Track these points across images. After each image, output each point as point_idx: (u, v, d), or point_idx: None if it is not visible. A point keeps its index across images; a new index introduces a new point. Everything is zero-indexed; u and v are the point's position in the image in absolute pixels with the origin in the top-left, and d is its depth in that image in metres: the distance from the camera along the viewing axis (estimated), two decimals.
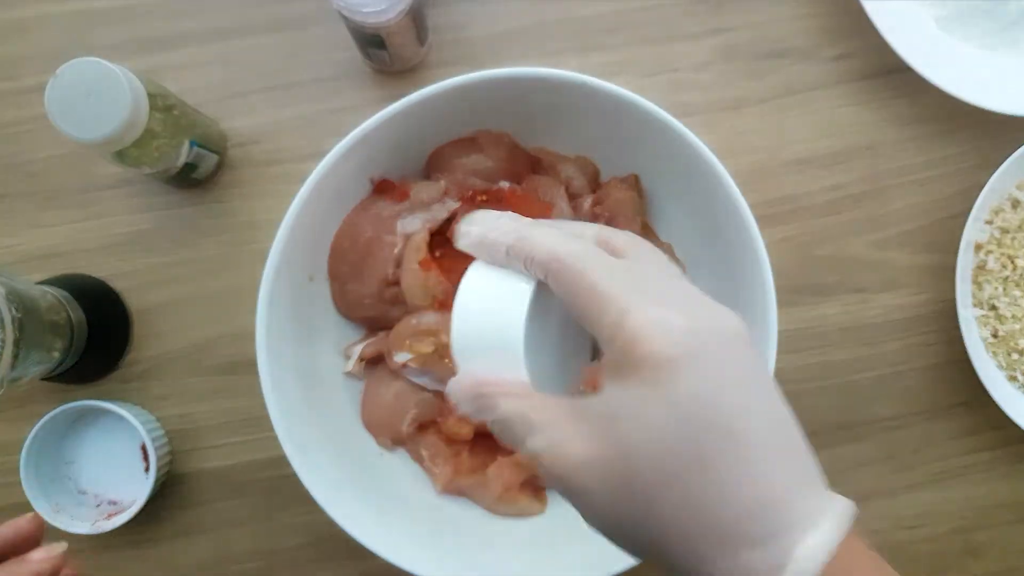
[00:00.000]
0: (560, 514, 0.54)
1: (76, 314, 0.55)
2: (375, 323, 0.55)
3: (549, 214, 0.53)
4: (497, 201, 0.53)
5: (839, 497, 0.26)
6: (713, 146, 0.47)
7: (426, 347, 0.52)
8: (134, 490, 0.56)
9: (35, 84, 0.59)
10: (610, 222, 0.54)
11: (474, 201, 0.53)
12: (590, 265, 0.28)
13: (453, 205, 0.53)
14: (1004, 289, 0.59)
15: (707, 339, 0.26)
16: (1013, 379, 0.59)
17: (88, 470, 0.57)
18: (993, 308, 0.59)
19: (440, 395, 0.53)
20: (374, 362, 0.55)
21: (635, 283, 0.28)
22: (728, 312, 0.28)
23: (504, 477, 0.52)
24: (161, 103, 0.49)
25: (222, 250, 0.59)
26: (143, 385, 0.59)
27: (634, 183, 0.55)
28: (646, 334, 0.26)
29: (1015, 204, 0.60)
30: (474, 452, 0.54)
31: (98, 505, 0.57)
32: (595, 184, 0.56)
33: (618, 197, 0.54)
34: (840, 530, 0.25)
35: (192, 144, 0.53)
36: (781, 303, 0.48)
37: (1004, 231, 0.59)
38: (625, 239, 0.32)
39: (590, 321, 0.28)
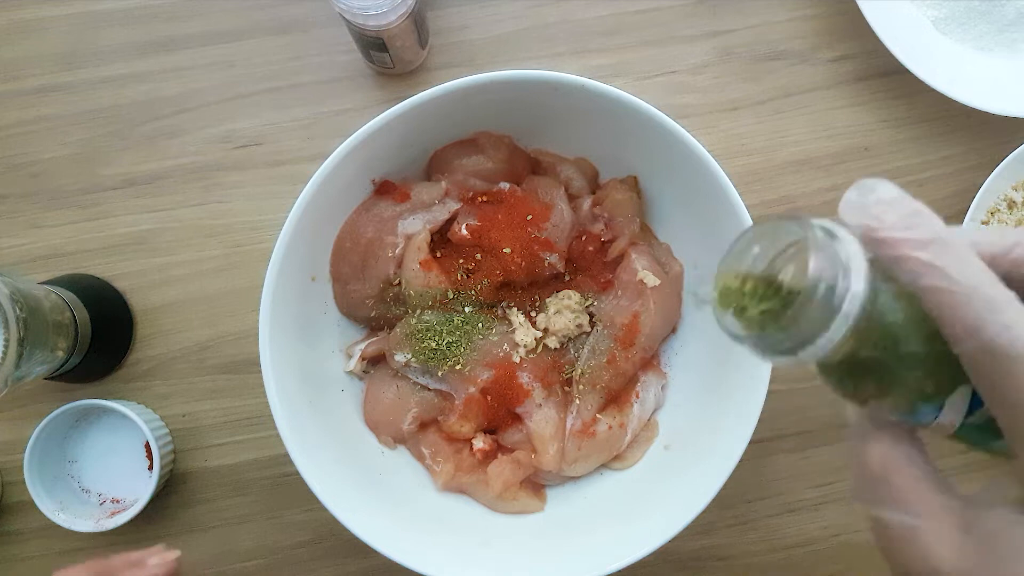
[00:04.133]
0: (560, 512, 0.54)
1: (79, 314, 0.55)
2: (376, 323, 0.55)
3: (548, 214, 0.53)
4: (497, 202, 0.54)
5: None
6: (711, 148, 0.48)
7: (427, 346, 0.52)
8: (137, 488, 0.57)
9: (38, 86, 0.60)
10: (609, 222, 0.55)
11: (474, 202, 0.54)
12: None
13: (454, 206, 0.54)
14: None
15: None
16: None
17: (91, 469, 0.58)
18: None
19: (441, 394, 0.54)
20: (375, 361, 0.55)
21: None
22: None
23: (504, 475, 0.52)
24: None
25: (225, 250, 0.60)
26: (146, 384, 0.59)
27: (633, 184, 0.55)
28: None
29: (1011, 205, 0.60)
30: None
31: (101, 503, 0.57)
32: (594, 185, 0.56)
33: (617, 198, 0.55)
34: None
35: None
36: None
37: None
38: None
39: (1003, 412, 0.23)
